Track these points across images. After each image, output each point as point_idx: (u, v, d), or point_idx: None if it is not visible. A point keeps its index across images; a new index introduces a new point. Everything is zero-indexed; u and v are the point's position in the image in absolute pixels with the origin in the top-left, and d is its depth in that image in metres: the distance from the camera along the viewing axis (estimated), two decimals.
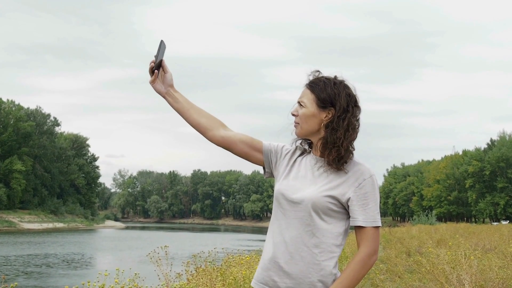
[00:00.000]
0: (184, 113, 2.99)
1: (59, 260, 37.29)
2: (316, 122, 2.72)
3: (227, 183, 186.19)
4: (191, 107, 2.99)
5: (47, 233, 78.58)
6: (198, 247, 35.26)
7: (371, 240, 2.58)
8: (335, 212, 2.65)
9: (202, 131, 2.99)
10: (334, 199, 2.63)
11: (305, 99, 2.73)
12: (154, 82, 2.94)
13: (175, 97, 2.98)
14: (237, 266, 10.44)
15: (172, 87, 2.97)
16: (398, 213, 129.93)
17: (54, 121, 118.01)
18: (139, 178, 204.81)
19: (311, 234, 2.65)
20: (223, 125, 2.98)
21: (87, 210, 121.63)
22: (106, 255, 43.46)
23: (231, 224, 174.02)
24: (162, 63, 2.88)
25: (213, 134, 2.95)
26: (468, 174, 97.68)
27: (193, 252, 13.17)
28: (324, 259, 2.63)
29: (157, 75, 2.91)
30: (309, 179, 2.72)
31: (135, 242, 58.41)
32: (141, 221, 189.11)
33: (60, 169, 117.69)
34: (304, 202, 2.66)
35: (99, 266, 33.85)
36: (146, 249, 11.84)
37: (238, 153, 2.94)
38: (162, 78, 2.94)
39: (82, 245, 52.82)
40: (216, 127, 2.96)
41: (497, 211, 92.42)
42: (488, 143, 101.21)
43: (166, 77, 2.94)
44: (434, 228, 36.50)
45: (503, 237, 23.65)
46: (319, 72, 2.77)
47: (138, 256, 35.79)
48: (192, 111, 2.98)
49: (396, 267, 14.48)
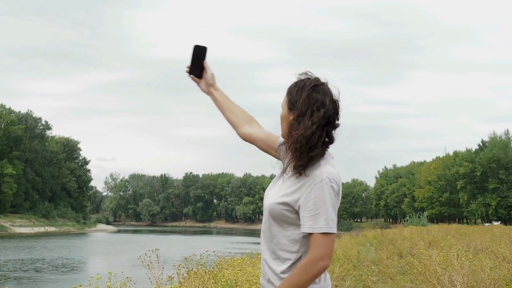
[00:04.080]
0: (221, 111, 3.20)
1: (50, 265, 37.14)
2: (286, 124, 2.73)
3: (219, 186, 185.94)
4: (226, 105, 3.19)
5: (38, 237, 78.37)
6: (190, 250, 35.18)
7: (317, 246, 2.53)
8: (291, 218, 2.64)
9: (233, 128, 3.15)
10: (288, 205, 2.63)
11: (283, 101, 2.76)
12: (199, 84, 3.21)
13: (214, 97, 3.21)
14: (229, 268, 10.43)
15: (213, 86, 3.21)
16: (390, 215, 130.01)
17: (45, 125, 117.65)
18: (130, 181, 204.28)
19: (269, 240, 2.71)
20: (252, 121, 3.12)
21: (78, 213, 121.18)
22: (98, 259, 43.36)
23: (223, 226, 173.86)
24: (204, 65, 3.18)
25: (239, 131, 3.10)
26: (459, 175, 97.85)
27: (185, 255, 13.14)
28: (276, 264, 2.68)
29: (198, 77, 3.20)
30: (278, 184, 2.75)
31: (127, 245, 58.27)
32: (133, 224, 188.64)
33: (51, 172, 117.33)
34: (265, 209, 2.73)
35: (90, 270, 33.74)
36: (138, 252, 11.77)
37: (261, 150, 3.03)
38: (205, 78, 3.21)
39: (73, 249, 52.66)
40: (242, 124, 3.10)
41: (489, 212, 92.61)
42: (479, 144, 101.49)
43: (206, 77, 3.20)
44: (426, 229, 36.54)
45: (494, 238, 23.71)
46: (306, 74, 2.74)
47: (130, 259, 35.69)
48: (226, 109, 3.18)
49: (388, 268, 14.50)
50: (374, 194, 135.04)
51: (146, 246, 15.12)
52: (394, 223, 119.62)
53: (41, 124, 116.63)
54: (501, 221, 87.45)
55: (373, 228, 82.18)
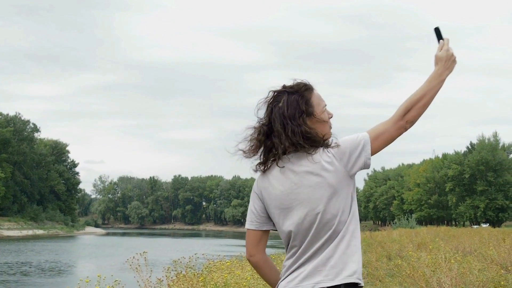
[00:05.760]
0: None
1: (38, 268, 36.94)
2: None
3: (208, 188, 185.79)
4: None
5: (26, 240, 77.99)
6: (179, 252, 35.13)
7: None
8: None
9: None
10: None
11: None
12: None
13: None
14: (218, 271, 10.42)
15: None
16: (379, 217, 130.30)
17: (33, 127, 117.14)
18: (119, 184, 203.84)
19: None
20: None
21: (67, 216, 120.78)
22: (86, 262, 43.17)
23: (212, 229, 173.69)
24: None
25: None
26: (448, 177, 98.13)
27: (173, 258, 13.10)
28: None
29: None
30: None
31: (116, 248, 58.05)
32: (122, 227, 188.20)
33: (39, 175, 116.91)
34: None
35: (79, 273, 33.59)
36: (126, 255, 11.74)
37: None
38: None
39: (61, 252, 52.41)
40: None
41: (477, 214, 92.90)
42: (468, 146, 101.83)
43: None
44: (415, 232, 36.60)
45: (483, 240, 23.77)
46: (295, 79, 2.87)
47: (119, 262, 35.56)
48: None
49: (377, 271, 14.52)
50: (363, 197, 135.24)
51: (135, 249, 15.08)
52: (383, 226, 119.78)
53: (29, 126, 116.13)
54: (490, 223, 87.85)
55: (362, 230, 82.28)
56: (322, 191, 2.69)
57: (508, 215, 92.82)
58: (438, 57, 2.87)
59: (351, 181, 2.75)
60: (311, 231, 2.72)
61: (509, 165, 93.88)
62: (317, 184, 2.69)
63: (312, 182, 2.70)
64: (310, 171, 2.71)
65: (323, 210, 2.69)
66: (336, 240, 2.70)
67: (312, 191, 2.70)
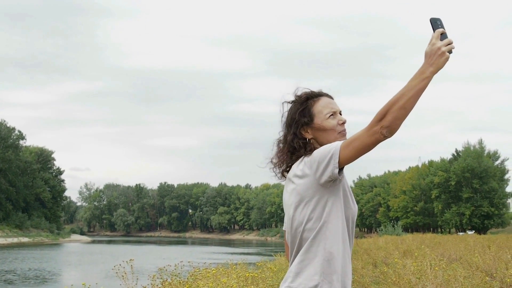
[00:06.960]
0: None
1: (22, 276, 36.67)
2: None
3: (194, 196, 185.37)
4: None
5: (11, 248, 77.51)
6: (164, 260, 35.02)
7: None
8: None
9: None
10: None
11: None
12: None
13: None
14: (204, 279, 10.40)
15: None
16: (365, 224, 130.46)
17: (19, 135, 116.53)
18: (105, 192, 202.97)
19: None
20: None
21: (52, 224, 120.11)
22: (72, 270, 42.94)
23: (198, 237, 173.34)
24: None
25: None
26: (434, 184, 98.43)
27: (159, 265, 13.07)
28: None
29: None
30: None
31: (101, 256, 57.81)
32: (108, 234, 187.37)
33: (25, 183, 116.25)
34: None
35: (64, 281, 33.38)
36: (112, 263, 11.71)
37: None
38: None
39: (47, 260, 52.09)
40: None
41: (463, 221, 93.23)
42: (454, 153, 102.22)
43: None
44: (401, 239, 36.70)
45: (468, 247, 23.87)
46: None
47: (104, 270, 35.42)
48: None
49: (362, 278, 14.54)
50: None
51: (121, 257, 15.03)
52: (369, 233, 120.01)
53: (15, 134, 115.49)
54: (475, 230, 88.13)
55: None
56: (293, 198, 2.80)
57: (494, 222, 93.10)
58: (425, 53, 2.71)
59: (326, 190, 2.73)
60: (290, 236, 2.84)
61: (494, 172, 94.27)
62: (292, 191, 2.82)
63: (289, 189, 2.85)
64: (289, 178, 2.85)
65: (292, 216, 2.80)
66: (304, 247, 2.75)
67: (289, 197, 2.85)
